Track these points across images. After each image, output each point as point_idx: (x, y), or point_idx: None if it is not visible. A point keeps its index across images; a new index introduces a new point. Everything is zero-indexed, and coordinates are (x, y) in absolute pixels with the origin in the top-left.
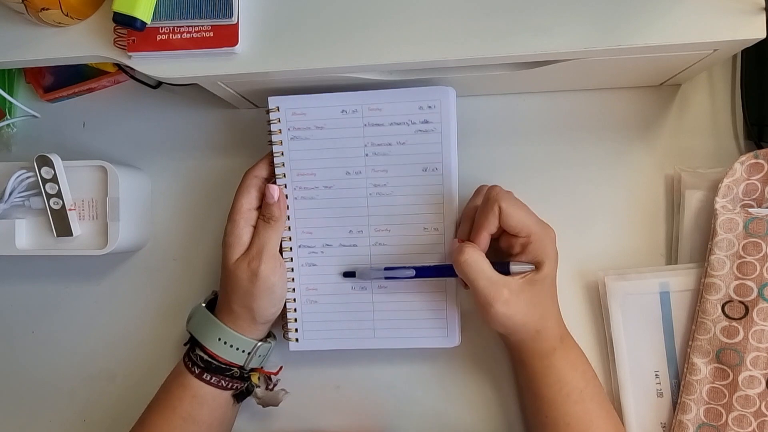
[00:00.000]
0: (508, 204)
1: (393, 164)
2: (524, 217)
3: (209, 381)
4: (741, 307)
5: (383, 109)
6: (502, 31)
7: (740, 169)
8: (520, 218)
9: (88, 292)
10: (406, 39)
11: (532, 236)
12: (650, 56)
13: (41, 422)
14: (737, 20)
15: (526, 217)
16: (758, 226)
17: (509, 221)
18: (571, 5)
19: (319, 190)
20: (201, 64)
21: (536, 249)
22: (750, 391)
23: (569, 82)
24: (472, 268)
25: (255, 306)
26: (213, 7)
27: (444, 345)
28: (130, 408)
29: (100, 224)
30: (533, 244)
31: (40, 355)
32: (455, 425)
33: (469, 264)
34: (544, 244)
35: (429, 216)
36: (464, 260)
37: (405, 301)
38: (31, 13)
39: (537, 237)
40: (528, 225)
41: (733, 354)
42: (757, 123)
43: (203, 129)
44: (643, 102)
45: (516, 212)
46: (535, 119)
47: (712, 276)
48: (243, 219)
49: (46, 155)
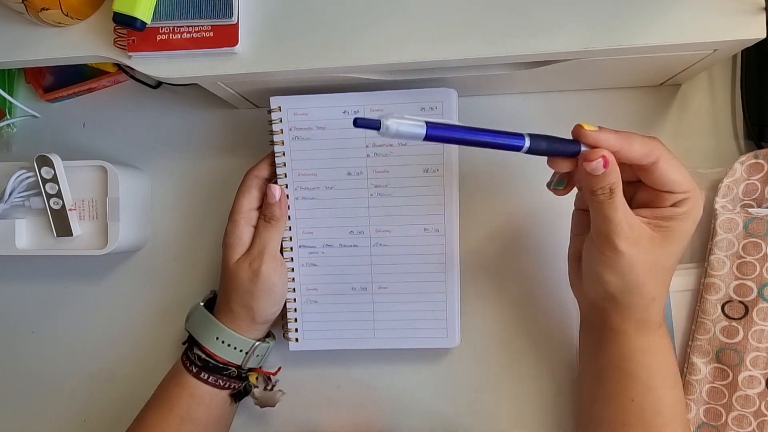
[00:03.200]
0: (671, 153)
1: (394, 165)
2: (684, 170)
3: (206, 380)
4: (741, 307)
5: (385, 109)
6: (502, 31)
7: (740, 169)
8: (682, 170)
9: (88, 292)
10: (406, 39)
11: (691, 192)
12: (650, 56)
13: (41, 422)
14: (737, 20)
15: (686, 171)
16: (758, 226)
17: (672, 172)
18: (571, 5)
19: (320, 191)
20: (201, 64)
21: (691, 207)
22: (750, 391)
23: (569, 82)
24: (615, 194)
25: (255, 306)
26: (213, 7)
27: (444, 345)
28: (129, 408)
29: (100, 224)
30: (690, 201)
31: (40, 355)
32: (455, 425)
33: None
34: (699, 203)
35: (430, 217)
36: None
37: (405, 301)
38: (31, 13)
39: (695, 194)
40: (689, 180)
41: (732, 354)
42: (757, 123)
43: (203, 129)
44: (643, 102)
45: (678, 163)
46: (535, 119)
47: (712, 276)
48: (244, 219)
49: (46, 155)
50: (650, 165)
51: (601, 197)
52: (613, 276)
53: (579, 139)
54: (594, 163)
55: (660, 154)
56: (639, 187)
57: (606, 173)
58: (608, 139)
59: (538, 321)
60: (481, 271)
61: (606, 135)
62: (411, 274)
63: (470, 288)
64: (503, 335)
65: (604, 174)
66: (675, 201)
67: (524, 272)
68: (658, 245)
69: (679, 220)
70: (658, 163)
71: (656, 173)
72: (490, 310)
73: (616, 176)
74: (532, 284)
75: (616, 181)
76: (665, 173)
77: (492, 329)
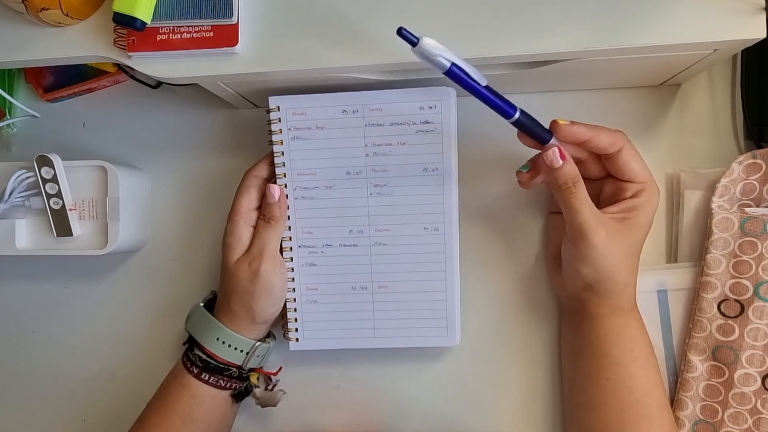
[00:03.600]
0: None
1: (393, 164)
2: (643, 162)
3: (207, 381)
4: (737, 306)
5: (384, 109)
6: (503, 31)
7: (738, 169)
8: (641, 162)
9: (88, 292)
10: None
11: (647, 183)
12: (650, 56)
13: (41, 422)
14: (737, 20)
15: (644, 164)
16: (754, 226)
17: (632, 161)
18: (571, 5)
19: (319, 190)
20: (201, 64)
21: (648, 197)
22: (745, 388)
23: (569, 82)
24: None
25: (255, 306)
26: (213, 7)
27: (444, 344)
28: (130, 408)
29: (100, 224)
30: (647, 191)
31: (40, 355)
32: (455, 425)
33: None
34: (655, 194)
35: (429, 216)
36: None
37: (405, 301)
38: (31, 13)
39: (652, 185)
40: (647, 172)
41: (728, 352)
42: (757, 123)
43: (203, 129)
44: (643, 102)
45: (638, 155)
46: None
47: (708, 274)
48: (243, 219)
49: (46, 155)
50: (615, 153)
51: (566, 190)
52: (589, 268)
53: (553, 131)
54: (551, 153)
55: (624, 143)
56: (605, 182)
57: (564, 166)
58: (579, 130)
59: (538, 320)
60: (481, 270)
61: (577, 127)
62: (411, 273)
63: (470, 287)
64: (503, 335)
65: (563, 167)
66: (634, 191)
67: (524, 271)
68: (624, 235)
69: (639, 210)
70: (621, 152)
71: (620, 161)
72: (490, 309)
73: (573, 169)
74: (533, 283)
75: (575, 174)
76: (627, 161)
77: (492, 329)
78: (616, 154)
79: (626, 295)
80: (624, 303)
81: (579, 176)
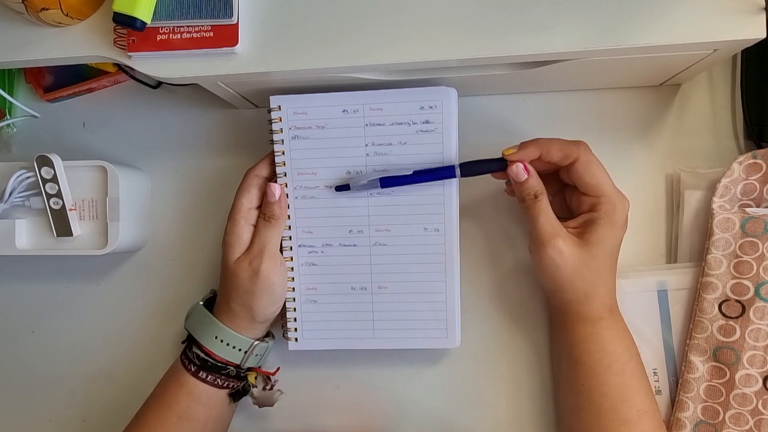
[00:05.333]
0: (590, 157)
1: (393, 164)
2: (601, 175)
3: (205, 379)
4: (738, 306)
5: (384, 108)
6: (502, 31)
7: (738, 169)
8: (597, 175)
9: (88, 292)
10: (406, 39)
11: (604, 198)
12: (650, 56)
13: (41, 422)
14: (737, 20)
15: (602, 177)
16: (755, 226)
17: (585, 174)
18: (571, 5)
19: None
20: (201, 64)
21: (605, 212)
22: (747, 389)
23: (569, 82)
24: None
25: (255, 305)
26: (213, 7)
27: (444, 345)
28: (129, 407)
29: (100, 224)
30: (603, 205)
31: (40, 354)
32: (455, 425)
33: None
34: (615, 209)
35: (429, 216)
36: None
37: (405, 301)
38: (31, 13)
39: (608, 200)
40: (602, 185)
41: (729, 352)
42: (757, 123)
43: (203, 129)
44: (643, 102)
45: (595, 167)
46: (535, 119)
47: (709, 275)
48: (243, 218)
49: (46, 155)
50: (569, 166)
51: (528, 201)
52: (545, 277)
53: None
54: (515, 168)
55: (579, 156)
56: (573, 194)
57: (528, 180)
58: (527, 152)
59: (538, 321)
60: (481, 270)
61: (525, 150)
62: (411, 273)
63: (470, 288)
64: (503, 335)
65: (527, 180)
66: (590, 204)
67: (525, 273)
68: (581, 248)
69: (599, 224)
70: (575, 165)
71: (573, 174)
72: (490, 310)
73: (537, 182)
74: (533, 285)
75: (538, 188)
76: (581, 174)
77: (492, 329)
78: (570, 167)
79: (589, 306)
80: (589, 312)
81: (542, 190)
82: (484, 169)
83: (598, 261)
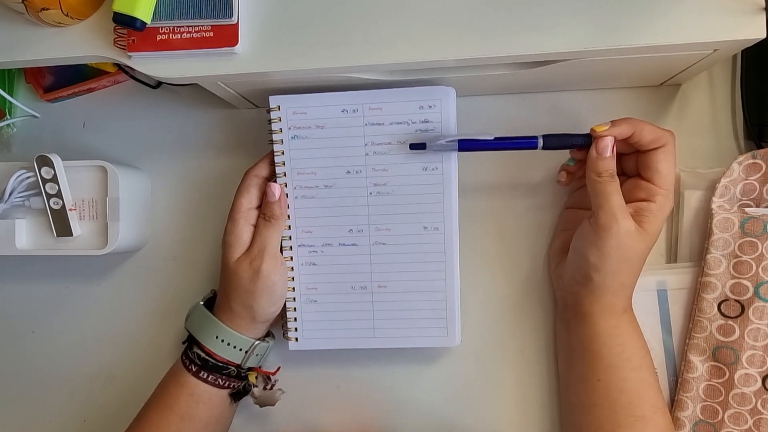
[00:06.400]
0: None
1: (393, 163)
2: (673, 171)
3: (206, 379)
4: (737, 306)
5: (384, 108)
6: (502, 31)
7: (738, 169)
8: (672, 167)
9: (88, 292)
10: (406, 39)
11: (665, 191)
12: (650, 56)
13: (41, 422)
14: (737, 20)
15: (673, 171)
16: (754, 226)
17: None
18: (571, 5)
19: (319, 189)
20: (201, 64)
21: (662, 204)
22: (746, 389)
23: (569, 82)
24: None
25: (255, 305)
26: (213, 7)
27: (444, 345)
28: (129, 408)
29: (100, 224)
30: (662, 198)
31: (40, 354)
32: (455, 425)
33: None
34: (669, 204)
35: (429, 215)
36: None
37: (405, 300)
38: (31, 13)
39: (668, 194)
40: (672, 178)
41: (729, 352)
42: (757, 123)
43: (203, 129)
44: (643, 102)
45: (673, 159)
46: (534, 119)
47: (708, 275)
48: (243, 218)
49: (46, 155)
50: (651, 150)
51: (605, 177)
52: (598, 256)
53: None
54: (605, 141)
55: (666, 142)
56: (627, 179)
57: (612, 157)
58: (621, 128)
59: (538, 321)
60: (481, 269)
61: (618, 127)
62: (411, 272)
63: (470, 286)
64: (503, 333)
65: (611, 158)
66: (649, 193)
67: (524, 271)
68: (636, 235)
69: (657, 216)
70: (658, 150)
71: (652, 158)
72: (490, 309)
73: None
74: (533, 283)
75: (614, 167)
76: (659, 161)
77: (492, 328)
78: (652, 151)
79: (621, 296)
80: (617, 304)
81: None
82: (568, 143)
83: (646, 252)
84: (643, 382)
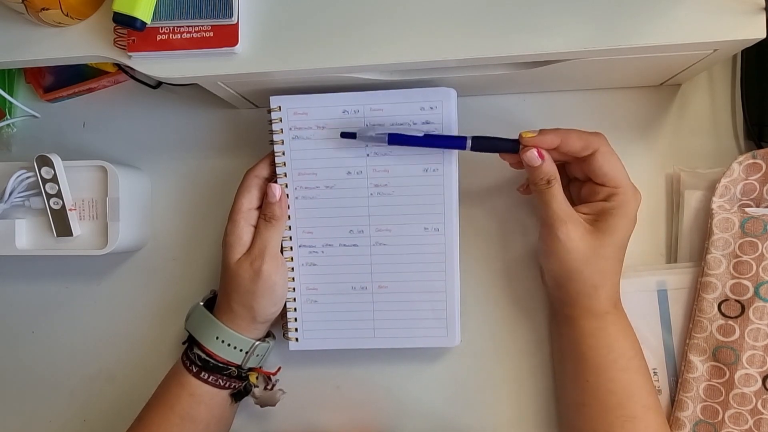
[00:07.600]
0: (609, 148)
1: (394, 164)
2: (620, 167)
3: (206, 380)
4: (737, 306)
5: (385, 109)
6: (502, 31)
7: (738, 169)
8: (616, 166)
9: (88, 292)
10: (406, 39)
11: (620, 189)
12: (650, 56)
13: (41, 422)
14: (737, 20)
15: (621, 169)
16: (754, 226)
17: (605, 164)
18: (571, 5)
19: (320, 190)
20: (201, 64)
21: (620, 202)
22: (746, 389)
23: (569, 82)
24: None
25: (256, 305)
26: (213, 7)
27: (444, 345)
28: (129, 408)
29: (100, 224)
30: (619, 196)
31: (40, 354)
32: (455, 425)
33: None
34: (629, 201)
35: (429, 216)
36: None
37: (405, 301)
38: (31, 13)
39: (624, 191)
40: (621, 176)
41: (729, 352)
42: (757, 123)
43: (203, 129)
44: (643, 102)
45: (614, 158)
46: (535, 119)
47: (708, 275)
48: (243, 219)
49: (46, 155)
50: (588, 156)
51: (541, 187)
52: (555, 263)
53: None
54: (529, 153)
55: (598, 147)
56: (584, 184)
57: (543, 165)
58: (546, 138)
59: (538, 319)
60: (481, 270)
61: (544, 137)
62: (411, 273)
63: (470, 287)
64: (503, 333)
65: (541, 166)
66: (606, 194)
67: (524, 271)
68: (592, 235)
69: (612, 214)
70: (595, 155)
71: (592, 164)
72: (490, 309)
73: (552, 169)
74: (533, 283)
75: (552, 174)
76: (600, 165)
77: (492, 328)
78: (590, 158)
79: (597, 298)
80: (595, 306)
81: (555, 175)
82: (496, 146)
83: (608, 251)
84: (632, 383)
